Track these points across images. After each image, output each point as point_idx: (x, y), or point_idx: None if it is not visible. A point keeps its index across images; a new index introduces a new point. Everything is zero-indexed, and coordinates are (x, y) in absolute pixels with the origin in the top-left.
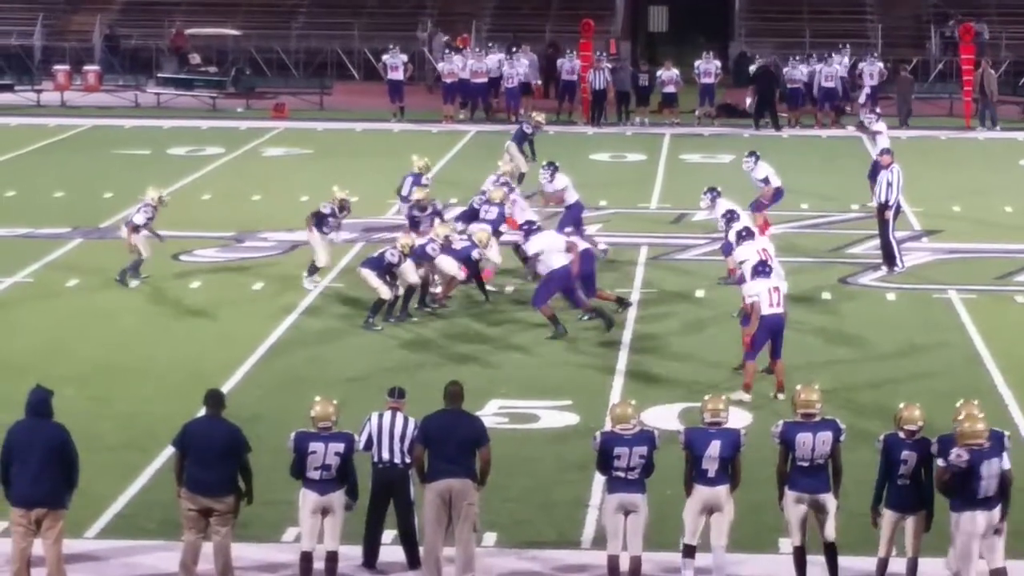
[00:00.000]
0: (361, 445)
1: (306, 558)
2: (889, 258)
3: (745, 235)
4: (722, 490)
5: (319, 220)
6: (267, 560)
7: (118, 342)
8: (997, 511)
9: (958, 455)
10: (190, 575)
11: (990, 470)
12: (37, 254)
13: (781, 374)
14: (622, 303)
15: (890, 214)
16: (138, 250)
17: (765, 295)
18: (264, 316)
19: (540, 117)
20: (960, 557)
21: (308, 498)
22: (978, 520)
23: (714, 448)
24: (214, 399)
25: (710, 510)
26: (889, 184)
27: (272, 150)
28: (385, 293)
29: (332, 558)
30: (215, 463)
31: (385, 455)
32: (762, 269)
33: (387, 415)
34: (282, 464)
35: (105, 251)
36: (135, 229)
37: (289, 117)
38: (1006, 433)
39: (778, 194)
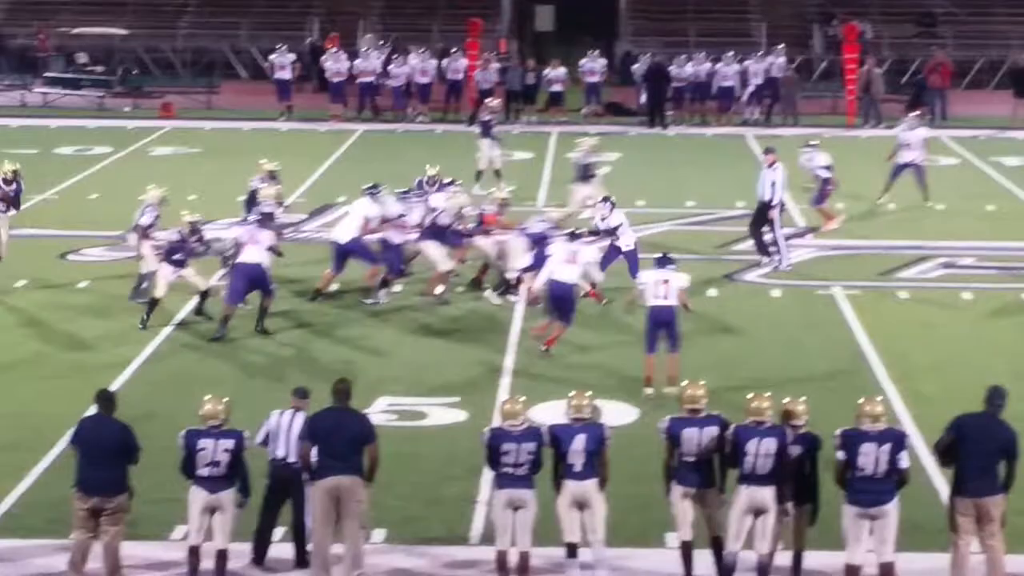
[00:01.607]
0: (258, 440)
1: (193, 552)
2: (764, 251)
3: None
4: (590, 484)
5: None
6: (156, 558)
7: (5, 342)
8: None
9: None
10: (79, 574)
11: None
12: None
13: (674, 368)
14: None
15: (775, 213)
16: (145, 262)
17: (651, 286)
18: (151, 315)
19: (494, 103)
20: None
21: (197, 496)
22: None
23: (579, 442)
24: (105, 399)
25: (580, 505)
26: (774, 183)
27: (160, 149)
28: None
29: (221, 556)
30: (105, 462)
31: (280, 452)
32: (660, 259)
33: (287, 413)
34: (171, 462)
35: None
36: (144, 234)
37: (177, 116)
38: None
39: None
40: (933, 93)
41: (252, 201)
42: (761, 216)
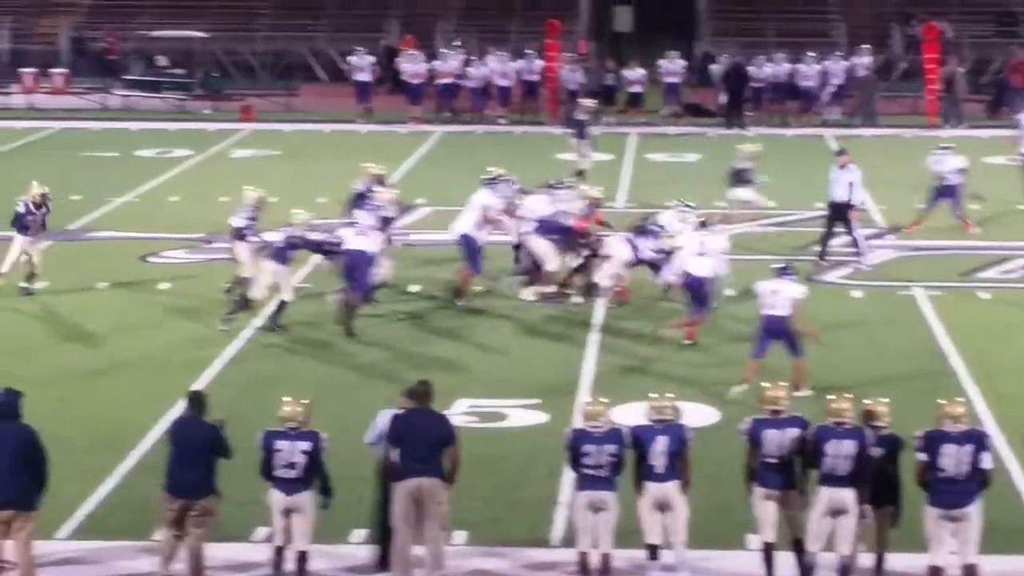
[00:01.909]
0: (368, 440)
1: (278, 552)
2: (824, 255)
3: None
4: (671, 486)
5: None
6: (238, 560)
7: (86, 344)
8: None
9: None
10: (165, 572)
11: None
12: (5, 256)
13: (798, 374)
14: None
15: (854, 213)
16: (243, 265)
17: (764, 296)
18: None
19: (588, 103)
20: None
21: (275, 498)
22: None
23: (660, 444)
24: (194, 400)
25: (661, 506)
26: (851, 184)
27: (240, 152)
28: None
29: (302, 558)
30: (193, 463)
31: (393, 454)
32: (779, 270)
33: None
34: (253, 464)
35: (74, 253)
36: (239, 236)
37: (256, 119)
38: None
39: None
40: (1014, 93)
41: (356, 204)
42: (836, 217)
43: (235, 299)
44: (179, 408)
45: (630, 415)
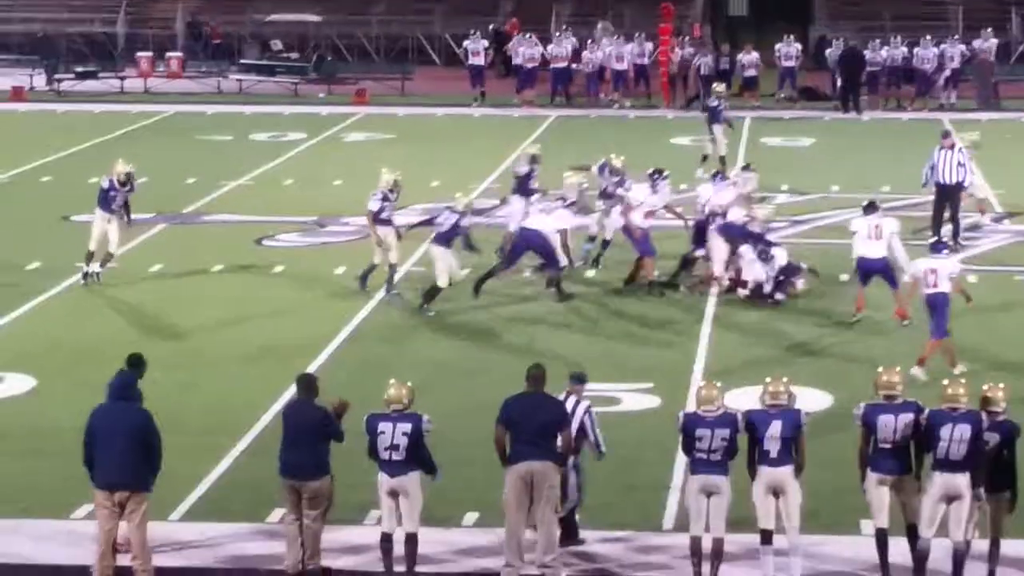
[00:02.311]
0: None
1: (385, 539)
2: (957, 235)
3: None
4: (786, 471)
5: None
6: (350, 542)
7: (202, 326)
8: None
9: None
10: (292, 557)
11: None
12: (121, 239)
13: (948, 351)
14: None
15: (964, 194)
16: (381, 246)
17: (922, 276)
18: (346, 300)
19: (721, 88)
20: None
21: (381, 480)
22: None
23: (775, 428)
24: (305, 383)
25: (775, 492)
26: (961, 164)
27: (353, 135)
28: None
29: (410, 540)
30: (305, 446)
31: None
32: (933, 245)
33: (569, 400)
34: (364, 447)
35: (188, 236)
36: (375, 219)
37: (370, 102)
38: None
39: None
40: None
41: (522, 185)
42: (946, 199)
43: (425, 291)
44: (292, 390)
45: (744, 400)
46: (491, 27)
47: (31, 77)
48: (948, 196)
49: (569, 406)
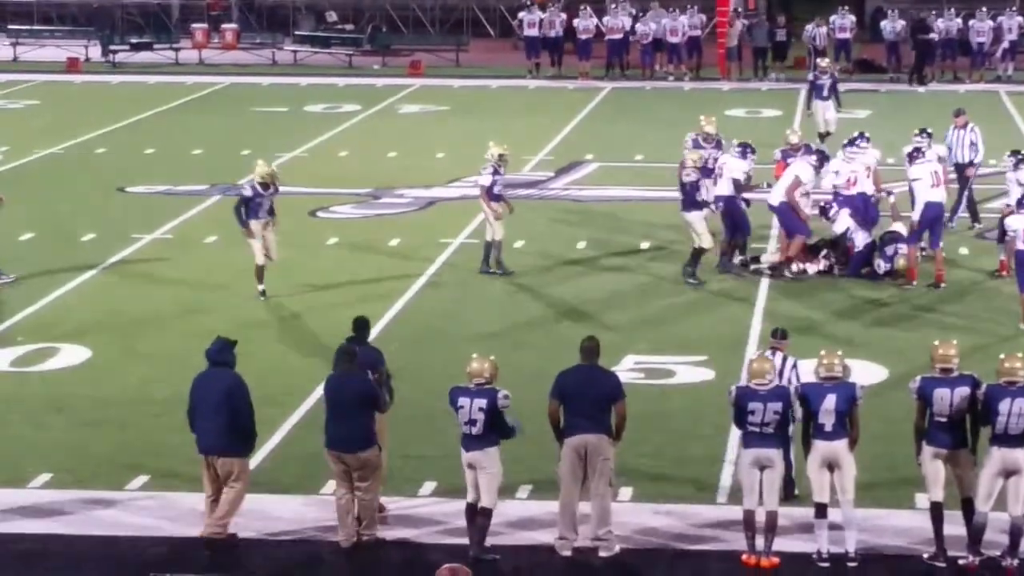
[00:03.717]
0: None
1: (469, 509)
2: (974, 214)
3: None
4: (840, 444)
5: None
6: (404, 513)
7: (254, 298)
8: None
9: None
10: (346, 528)
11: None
12: (176, 211)
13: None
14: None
15: (973, 171)
16: (499, 220)
17: (1021, 233)
18: (400, 271)
19: (824, 63)
20: None
21: (462, 453)
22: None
23: (830, 402)
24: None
25: (830, 465)
26: (973, 143)
27: (408, 107)
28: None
29: (482, 512)
30: (348, 417)
31: None
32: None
33: (767, 354)
34: (420, 418)
35: None
36: (489, 194)
37: (425, 74)
38: None
39: None
40: None
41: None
42: (962, 178)
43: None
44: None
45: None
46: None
47: (86, 48)
48: (962, 174)
49: (777, 363)
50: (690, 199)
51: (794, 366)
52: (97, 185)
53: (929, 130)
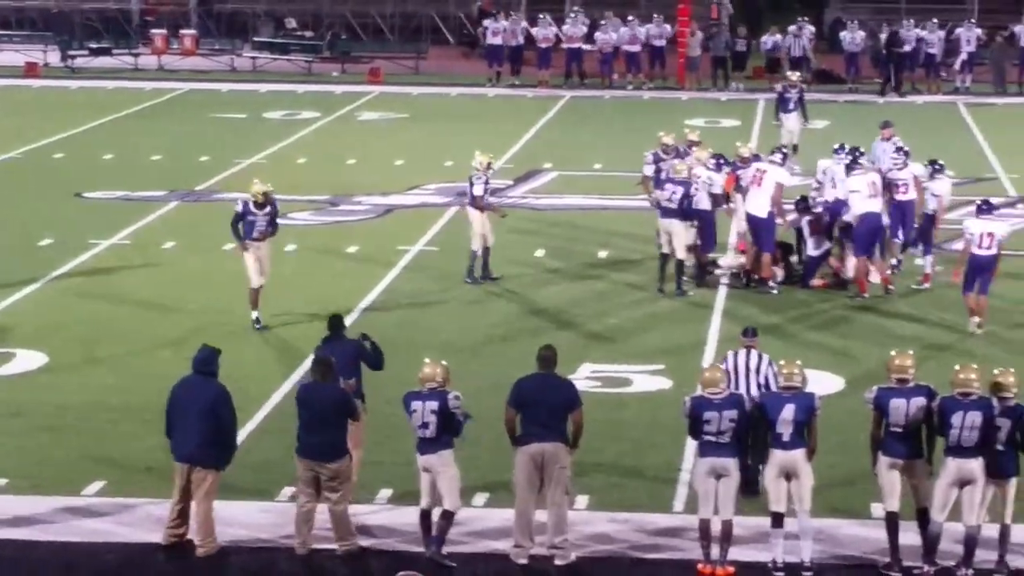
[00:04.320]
0: None
1: (423, 516)
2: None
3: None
4: (798, 454)
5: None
6: (360, 521)
7: (213, 305)
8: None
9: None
10: (303, 537)
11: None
12: (134, 217)
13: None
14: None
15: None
16: (483, 231)
17: (977, 238)
18: (358, 279)
19: (794, 76)
20: None
21: (417, 457)
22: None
23: (788, 412)
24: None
25: (787, 475)
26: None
27: (367, 114)
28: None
29: (443, 515)
30: (321, 428)
31: (742, 390)
32: (984, 208)
33: (742, 353)
34: (376, 426)
35: (201, 214)
36: (477, 204)
37: (384, 81)
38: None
39: None
40: None
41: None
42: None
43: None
44: (302, 370)
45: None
46: (476, 4)
47: (45, 53)
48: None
49: (753, 362)
50: (679, 208)
51: (770, 363)
52: (55, 190)
53: (907, 149)
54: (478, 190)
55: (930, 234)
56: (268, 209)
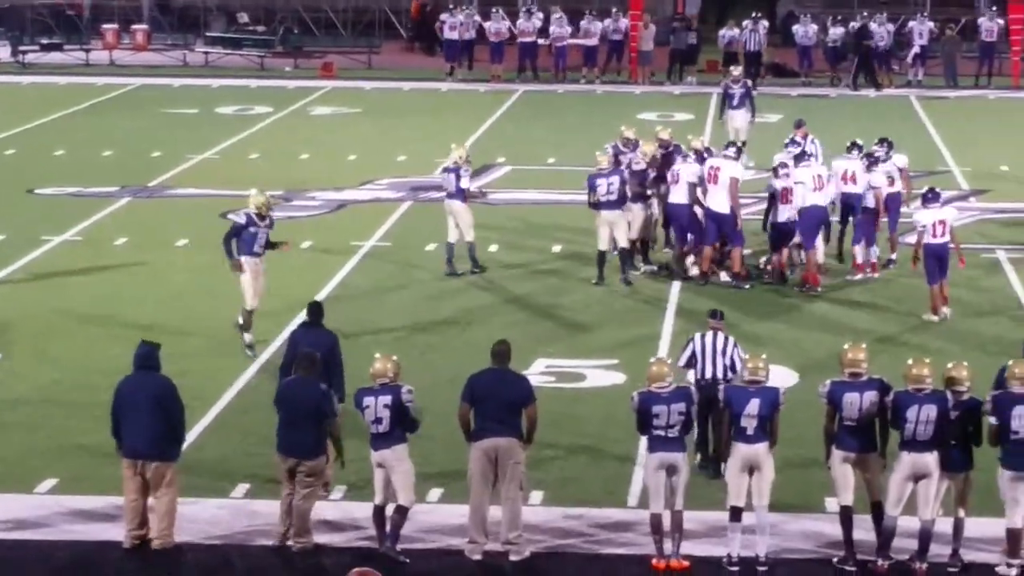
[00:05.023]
0: (681, 363)
1: (376, 512)
2: None
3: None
4: (761, 448)
5: None
6: (313, 517)
7: (166, 301)
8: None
9: None
10: (284, 527)
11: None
12: (86, 213)
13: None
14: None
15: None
16: (460, 224)
17: (930, 227)
18: (311, 274)
19: (736, 71)
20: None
21: (371, 453)
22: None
23: (753, 406)
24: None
25: (750, 469)
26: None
27: (320, 109)
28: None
29: (397, 510)
30: (300, 425)
31: (709, 372)
32: (931, 196)
33: (709, 335)
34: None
35: (153, 210)
36: (464, 196)
37: (337, 76)
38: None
39: None
40: None
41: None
42: None
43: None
44: (256, 365)
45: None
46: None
47: None
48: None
49: (719, 344)
50: (618, 198)
51: (735, 345)
52: (6, 186)
53: (891, 140)
54: (465, 183)
55: (871, 227)
56: (268, 222)
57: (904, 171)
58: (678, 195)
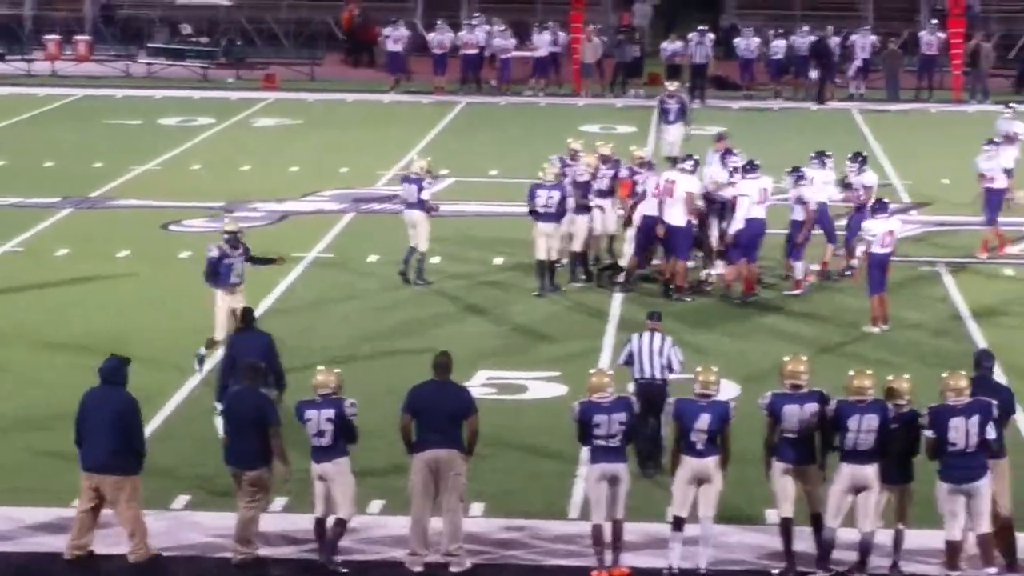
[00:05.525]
0: (620, 361)
1: (318, 524)
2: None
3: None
4: (710, 461)
5: None
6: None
7: (107, 312)
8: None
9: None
10: (243, 544)
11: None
12: (27, 223)
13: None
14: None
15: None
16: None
17: (880, 237)
18: (254, 286)
19: (672, 86)
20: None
21: (312, 466)
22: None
23: (703, 421)
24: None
25: (699, 481)
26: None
27: (263, 120)
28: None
29: (337, 523)
30: (244, 435)
31: (647, 371)
32: (880, 207)
33: (646, 335)
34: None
35: (95, 221)
36: (427, 208)
37: (280, 87)
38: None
39: None
40: None
41: None
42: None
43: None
44: (198, 378)
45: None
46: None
47: None
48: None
49: (656, 344)
50: (556, 212)
51: (673, 344)
52: None
53: (865, 155)
54: (426, 194)
55: (800, 241)
56: (240, 251)
57: (870, 189)
58: (675, 213)
